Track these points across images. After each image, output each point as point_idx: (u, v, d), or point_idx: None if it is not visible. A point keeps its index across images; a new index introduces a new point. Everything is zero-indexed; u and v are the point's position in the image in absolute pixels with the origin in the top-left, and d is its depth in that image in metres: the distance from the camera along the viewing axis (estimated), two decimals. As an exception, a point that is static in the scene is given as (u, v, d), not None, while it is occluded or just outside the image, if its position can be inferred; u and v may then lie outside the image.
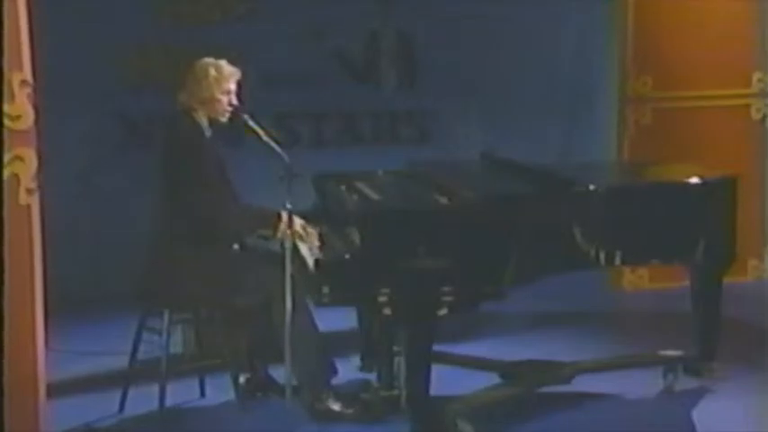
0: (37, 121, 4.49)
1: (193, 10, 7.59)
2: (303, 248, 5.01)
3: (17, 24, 4.40)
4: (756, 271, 7.82)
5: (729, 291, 5.58)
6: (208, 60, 5.21)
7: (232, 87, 5.21)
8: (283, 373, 4.89)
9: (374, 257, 4.63)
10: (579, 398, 5.39)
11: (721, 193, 5.42)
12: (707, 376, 5.55)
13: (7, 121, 4.39)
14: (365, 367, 5.65)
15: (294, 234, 4.92)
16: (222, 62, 5.22)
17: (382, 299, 4.63)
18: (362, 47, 7.97)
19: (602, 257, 5.05)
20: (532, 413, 5.20)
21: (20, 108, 4.43)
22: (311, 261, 4.83)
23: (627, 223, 5.14)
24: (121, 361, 5.36)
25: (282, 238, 4.90)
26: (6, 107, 4.39)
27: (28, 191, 4.48)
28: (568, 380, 5.38)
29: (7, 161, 4.40)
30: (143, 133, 7.37)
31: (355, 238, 4.76)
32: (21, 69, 4.44)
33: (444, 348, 5.35)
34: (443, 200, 4.96)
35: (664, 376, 5.56)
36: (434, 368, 4.80)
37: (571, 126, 8.22)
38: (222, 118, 5.22)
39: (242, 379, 5.40)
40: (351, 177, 5.55)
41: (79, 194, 7.34)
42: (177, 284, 5.11)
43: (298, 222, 5.02)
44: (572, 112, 8.23)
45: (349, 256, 4.70)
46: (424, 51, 8.00)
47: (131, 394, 5.29)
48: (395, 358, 5.20)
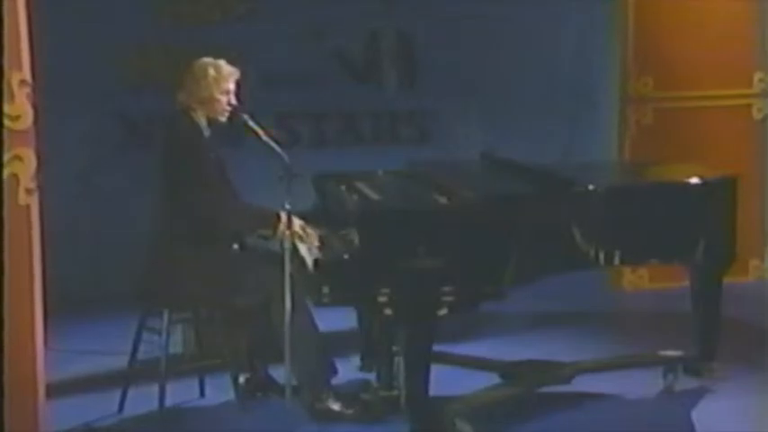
0: (36, 121, 4.49)
1: (193, 10, 7.58)
2: (302, 248, 5.00)
3: (16, 24, 4.39)
4: (757, 271, 7.80)
5: (730, 291, 5.58)
6: (207, 60, 5.21)
7: (231, 87, 5.21)
8: (283, 373, 4.88)
9: (373, 257, 4.63)
10: (579, 398, 5.39)
11: (721, 193, 5.41)
12: (707, 376, 5.54)
13: (6, 121, 4.38)
14: (365, 367, 5.64)
15: (293, 234, 4.92)
16: (221, 62, 5.21)
17: (382, 299, 4.62)
18: (363, 47, 7.95)
19: (601, 257, 5.05)
20: (532, 413, 5.19)
21: (19, 108, 4.42)
22: (310, 261, 4.83)
23: (626, 223, 5.14)
24: (121, 361, 5.36)
25: (282, 238, 4.90)
26: (6, 107, 4.38)
27: (27, 191, 4.47)
28: (568, 380, 5.38)
29: (6, 161, 4.39)
30: (143, 133, 7.36)
31: (354, 238, 4.75)
32: (20, 69, 4.43)
33: (444, 348, 5.35)
34: (443, 200, 4.95)
35: (664, 376, 5.55)
36: (434, 368, 4.79)
37: (572, 126, 8.21)
38: (221, 117, 5.22)
39: (242, 379, 5.39)
40: (351, 177, 5.55)
41: (79, 194, 7.34)
42: (177, 284, 5.10)
43: (297, 223, 5.01)
44: (573, 112, 8.21)
45: (348, 256, 4.70)
46: (425, 51, 7.99)
47: (131, 394, 5.29)
48: (395, 358, 5.20)
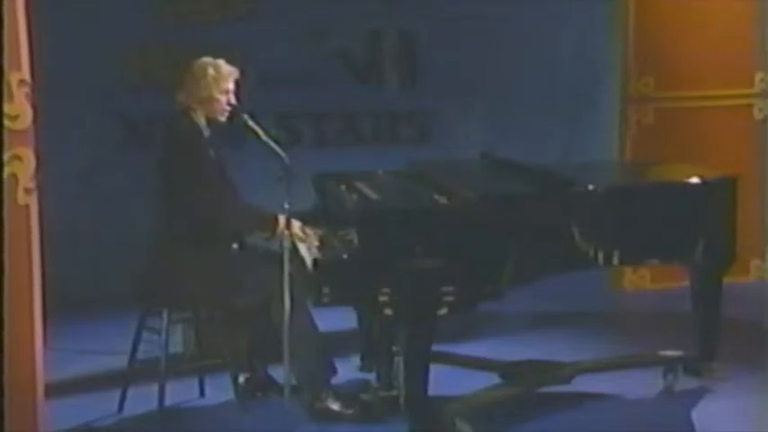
0: (35, 121, 4.48)
1: (194, 9, 7.58)
2: (302, 248, 5.00)
3: (16, 24, 4.39)
4: (759, 271, 7.79)
5: (730, 291, 5.57)
6: (206, 60, 5.20)
7: (230, 87, 5.20)
8: (283, 373, 4.88)
9: (373, 257, 4.62)
10: (579, 398, 5.38)
11: (721, 193, 5.40)
12: (707, 376, 5.54)
13: (6, 121, 4.38)
14: (365, 367, 5.63)
15: (293, 235, 4.92)
16: (220, 61, 5.21)
17: (383, 299, 4.62)
18: (363, 47, 7.95)
19: (600, 257, 5.04)
20: (532, 413, 5.18)
21: (18, 108, 4.42)
22: (310, 261, 4.83)
23: (626, 223, 5.13)
24: (121, 360, 5.36)
25: (281, 238, 4.90)
26: (5, 107, 4.37)
27: (26, 190, 4.46)
28: (568, 380, 5.37)
29: (6, 161, 4.39)
30: (143, 133, 7.36)
31: (354, 238, 4.75)
32: (19, 69, 4.42)
33: (444, 348, 5.35)
34: (443, 200, 4.95)
35: (664, 376, 5.54)
36: (434, 368, 4.79)
37: (572, 126, 8.20)
38: (221, 117, 5.21)
39: (241, 379, 5.39)
40: (351, 177, 5.54)
41: (79, 194, 7.34)
42: (177, 284, 5.10)
43: (296, 225, 5.00)
44: (573, 112, 8.20)
45: (347, 256, 4.69)
46: (425, 51, 7.98)
47: (131, 394, 5.29)
48: (394, 358, 5.19)
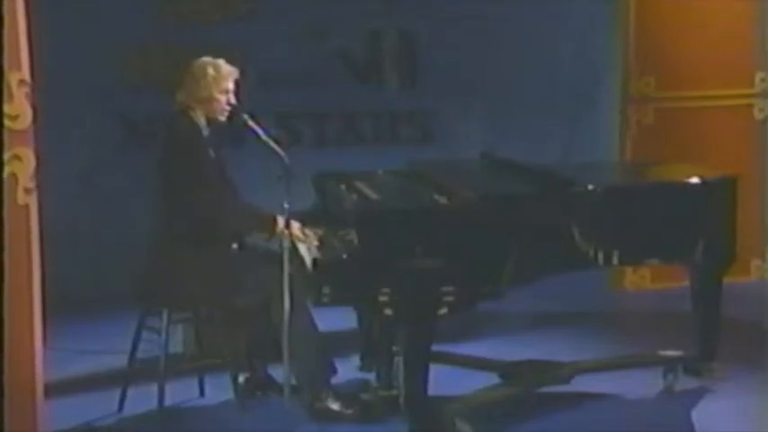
0: (35, 121, 4.49)
1: (194, 10, 7.58)
2: (302, 248, 5.00)
3: (15, 23, 4.39)
4: (759, 271, 7.78)
5: (730, 291, 5.56)
6: (206, 59, 5.20)
7: (230, 86, 5.20)
8: (282, 373, 4.88)
9: (373, 257, 4.63)
10: (579, 398, 5.38)
11: (721, 193, 5.40)
12: (707, 376, 5.53)
13: (6, 121, 4.38)
14: (365, 367, 5.63)
15: (292, 236, 4.92)
16: (220, 61, 5.21)
17: (383, 299, 4.62)
18: (364, 47, 7.95)
19: (600, 257, 5.04)
20: (531, 413, 5.18)
21: (18, 107, 4.42)
22: (309, 261, 4.83)
23: (625, 223, 5.12)
24: (121, 360, 5.35)
25: (281, 238, 4.90)
26: (5, 107, 4.37)
27: (26, 190, 4.46)
28: (568, 380, 5.36)
29: (5, 161, 4.39)
30: (143, 133, 7.34)
31: (354, 238, 4.75)
32: (19, 69, 4.43)
33: (444, 348, 5.35)
34: (443, 200, 4.95)
35: (664, 376, 5.54)
36: (434, 368, 4.79)
37: (573, 126, 8.19)
38: (221, 117, 5.21)
39: (241, 378, 5.39)
40: (350, 177, 5.54)
41: (79, 194, 7.34)
42: (177, 284, 5.10)
43: (295, 226, 4.99)
44: (574, 112, 8.20)
45: (346, 256, 4.69)
46: (426, 51, 7.98)
47: (131, 393, 5.29)
48: (394, 358, 5.19)
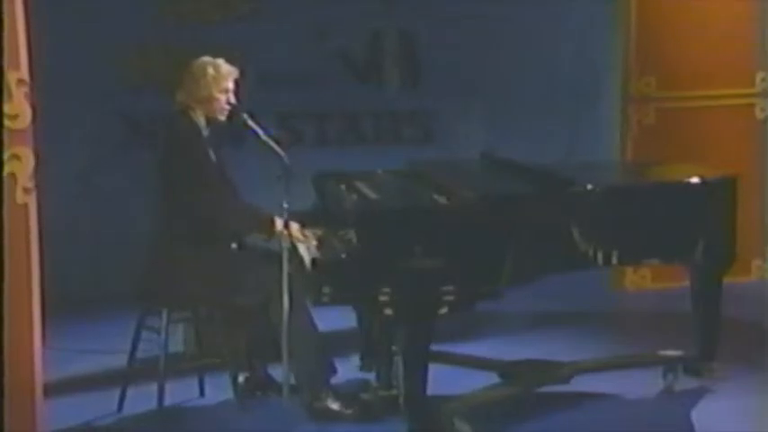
0: (34, 121, 4.49)
1: (194, 10, 7.58)
2: (301, 248, 5.00)
3: (14, 23, 4.40)
4: (759, 271, 7.77)
5: (730, 290, 5.56)
6: (205, 59, 5.20)
7: (230, 86, 5.20)
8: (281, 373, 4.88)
9: (372, 257, 4.62)
10: (578, 398, 5.37)
11: (721, 193, 5.39)
12: (707, 376, 5.52)
13: (5, 121, 4.38)
14: (365, 367, 5.62)
15: (291, 236, 4.92)
16: (220, 61, 5.20)
17: (383, 298, 4.62)
18: (364, 47, 7.95)
19: (599, 257, 5.03)
20: (531, 413, 5.18)
21: (17, 107, 4.42)
22: (308, 260, 4.83)
23: (625, 223, 5.12)
24: (121, 360, 5.35)
25: (279, 239, 4.90)
26: (4, 106, 4.38)
27: (25, 190, 4.47)
28: (567, 380, 5.36)
29: (4, 160, 4.39)
30: (143, 133, 7.35)
31: (353, 238, 4.75)
32: (18, 68, 4.43)
33: (444, 348, 5.35)
34: (442, 199, 4.94)
35: (664, 376, 5.53)
36: (433, 368, 4.79)
37: (574, 126, 8.18)
38: (220, 116, 5.21)
39: (241, 378, 5.39)
40: (350, 177, 5.54)
41: (79, 194, 7.34)
42: (176, 284, 5.10)
43: (294, 227, 4.99)
44: (574, 112, 8.19)
45: (345, 256, 4.70)
46: (426, 51, 7.98)
47: (130, 393, 5.29)
48: (394, 358, 5.19)
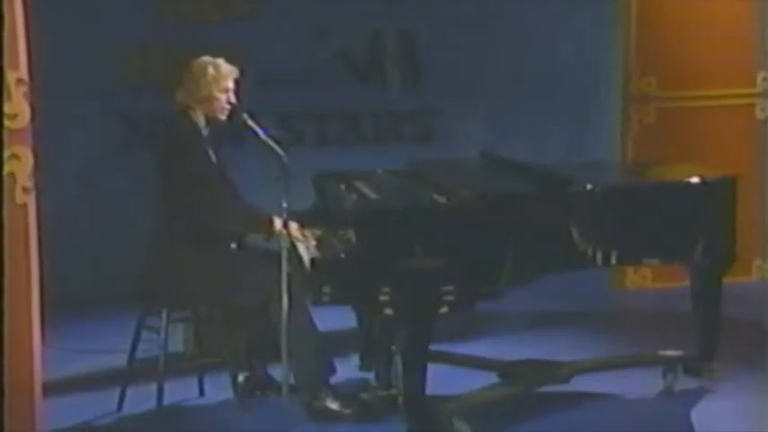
0: (33, 120, 4.49)
1: (194, 10, 7.58)
2: (301, 247, 5.00)
3: (13, 22, 4.39)
4: (760, 271, 7.76)
5: (730, 290, 5.55)
6: (205, 59, 5.19)
7: (230, 86, 5.20)
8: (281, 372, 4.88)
9: (371, 257, 4.63)
10: (578, 398, 5.37)
11: (721, 193, 5.38)
12: (707, 376, 5.52)
13: (4, 120, 4.39)
14: (365, 366, 5.62)
15: (291, 235, 4.92)
16: (220, 60, 5.20)
17: (383, 298, 4.62)
18: (365, 47, 7.95)
19: (598, 257, 5.03)
20: (530, 413, 5.17)
21: (16, 107, 4.42)
22: (307, 260, 4.83)
23: (624, 223, 5.11)
24: (120, 359, 5.35)
25: (279, 239, 4.90)
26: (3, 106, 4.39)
27: (24, 189, 4.47)
28: (567, 380, 5.36)
29: (4, 160, 4.39)
30: (144, 133, 7.35)
31: (352, 237, 4.75)
32: (17, 68, 4.43)
33: (444, 348, 5.35)
34: (442, 199, 4.94)
35: (663, 376, 5.53)
36: (433, 367, 4.80)
37: (574, 126, 8.17)
38: (221, 116, 5.21)
39: (241, 378, 5.39)
40: (350, 177, 5.53)
41: (79, 194, 7.34)
42: (176, 284, 5.10)
43: (293, 226, 4.99)
44: (575, 112, 8.18)
45: (345, 255, 4.70)
46: (427, 51, 7.98)
47: (130, 393, 5.29)
48: (393, 358, 5.19)
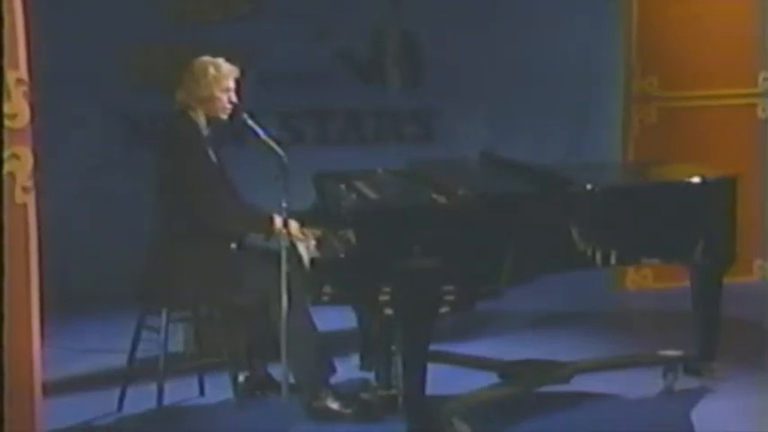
0: (33, 120, 4.49)
1: (195, 9, 7.59)
2: (300, 247, 5.00)
3: (13, 22, 4.39)
4: (761, 271, 7.76)
5: (731, 290, 5.55)
6: (206, 59, 5.19)
7: (231, 85, 5.20)
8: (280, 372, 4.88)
9: (371, 256, 4.63)
10: (578, 398, 5.37)
11: (720, 193, 5.38)
12: (707, 376, 5.52)
13: (4, 120, 4.39)
14: (365, 366, 5.62)
15: (290, 235, 4.92)
16: (220, 60, 5.20)
17: (383, 298, 4.63)
18: (366, 46, 7.95)
19: (598, 257, 5.03)
20: (530, 413, 5.17)
21: (16, 106, 4.41)
22: (307, 260, 4.83)
23: (624, 223, 5.11)
24: (121, 359, 5.36)
25: (278, 238, 4.90)
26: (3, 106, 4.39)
27: (24, 189, 4.46)
28: (567, 379, 5.36)
29: (3, 159, 4.38)
30: (144, 133, 7.35)
31: (351, 237, 4.75)
32: (17, 68, 4.42)
33: (444, 348, 5.35)
34: (441, 199, 4.94)
35: (664, 376, 5.53)
36: (433, 367, 4.80)
37: (576, 125, 8.17)
38: (223, 115, 5.21)
39: (241, 377, 5.39)
40: (350, 176, 5.53)
41: (79, 194, 7.33)
42: (176, 284, 5.11)
43: (293, 225, 4.99)
44: (576, 112, 8.17)
45: (344, 255, 4.70)
46: (428, 50, 7.98)
47: (130, 392, 5.29)
48: (393, 358, 5.19)
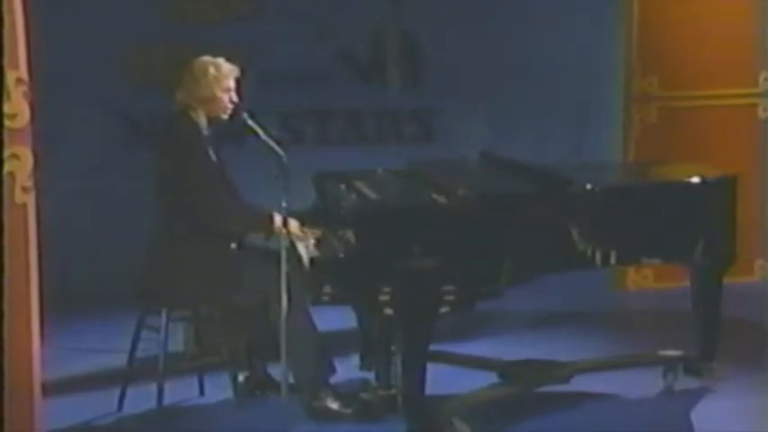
0: (33, 120, 4.49)
1: (195, 9, 7.59)
2: (300, 246, 5.00)
3: (13, 22, 4.39)
4: (762, 271, 7.76)
5: (731, 290, 5.55)
6: (206, 59, 5.19)
7: (231, 85, 5.20)
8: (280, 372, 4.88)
9: (371, 256, 4.63)
10: (578, 398, 5.37)
11: (720, 193, 5.38)
12: (707, 376, 5.52)
13: (4, 120, 4.39)
14: (365, 366, 5.62)
15: (290, 234, 4.92)
16: (220, 60, 5.20)
17: (383, 298, 4.63)
18: (366, 46, 7.95)
19: (597, 257, 5.02)
20: (530, 413, 5.17)
21: (16, 106, 4.41)
22: (307, 259, 4.83)
23: (624, 223, 5.11)
24: (121, 359, 5.36)
25: (278, 238, 4.90)
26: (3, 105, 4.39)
27: (24, 189, 4.46)
28: (567, 379, 5.36)
29: (3, 159, 4.39)
30: (144, 133, 7.35)
31: (351, 237, 4.75)
32: (17, 68, 4.42)
33: (444, 347, 5.35)
34: (441, 199, 4.94)
35: (664, 376, 5.53)
36: (433, 367, 4.80)
37: (576, 125, 8.17)
38: (223, 115, 5.21)
39: (241, 377, 5.39)
40: (350, 176, 5.53)
41: (79, 194, 7.34)
42: (176, 284, 5.11)
43: (293, 224, 4.99)
44: (577, 112, 8.17)
45: (344, 255, 4.70)
46: (428, 51, 7.98)
47: (130, 392, 5.29)
48: (393, 357, 5.19)
